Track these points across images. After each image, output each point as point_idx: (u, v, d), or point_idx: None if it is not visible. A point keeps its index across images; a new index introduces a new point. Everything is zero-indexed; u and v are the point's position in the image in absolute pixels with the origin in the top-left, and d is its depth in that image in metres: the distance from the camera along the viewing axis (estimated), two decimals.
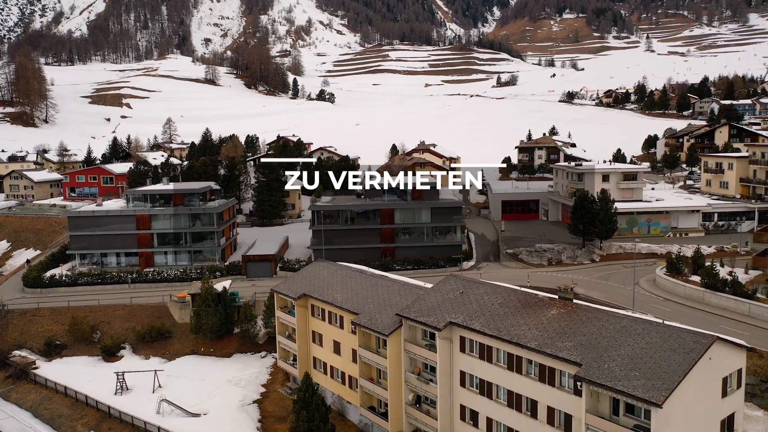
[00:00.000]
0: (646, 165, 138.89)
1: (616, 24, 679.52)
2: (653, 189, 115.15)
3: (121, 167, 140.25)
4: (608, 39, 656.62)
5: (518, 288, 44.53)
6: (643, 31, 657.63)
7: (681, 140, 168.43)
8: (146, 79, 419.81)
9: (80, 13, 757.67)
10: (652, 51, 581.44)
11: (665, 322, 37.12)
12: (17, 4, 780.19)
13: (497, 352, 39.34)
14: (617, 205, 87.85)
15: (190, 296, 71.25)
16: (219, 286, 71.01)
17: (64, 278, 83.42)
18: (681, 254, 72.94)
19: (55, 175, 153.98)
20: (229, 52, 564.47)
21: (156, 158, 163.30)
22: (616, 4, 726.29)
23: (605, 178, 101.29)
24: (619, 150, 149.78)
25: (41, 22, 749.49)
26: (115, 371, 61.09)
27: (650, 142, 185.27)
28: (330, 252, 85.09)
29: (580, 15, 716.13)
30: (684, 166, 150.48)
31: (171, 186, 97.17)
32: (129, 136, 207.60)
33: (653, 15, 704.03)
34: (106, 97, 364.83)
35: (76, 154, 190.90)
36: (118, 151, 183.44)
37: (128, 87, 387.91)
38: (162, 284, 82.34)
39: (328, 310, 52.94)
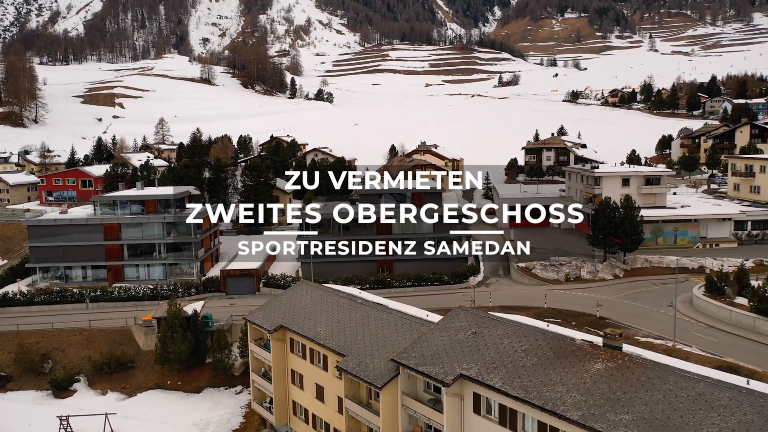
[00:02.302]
0: (662, 167, 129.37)
1: (618, 23, 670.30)
2: (674, 194, 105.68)
3: (101, 169, 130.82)
4: (611, 38, 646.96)
5: (547, 328, 35.06)
6: (645, 30, 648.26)
7: (697, 141, 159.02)
8: (140, 78, 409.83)
9: (77, 13, 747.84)
10: (656, 50, 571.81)
11: (751, 384, 27.72)
12: (13, 3, 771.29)
13: (524, 418, 29.90)
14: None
15: (155, 320, 61.76)
16: (189, 308, 61.47)
17: (18, 296, 73.81)
18: (723, 271, 63.36)
19: (32, 178, 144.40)
20: (226, 52, 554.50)
21: (141, 159, 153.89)
22: (618, 3, 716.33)
23: (625, 182, 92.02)
24: (633, 151, 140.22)
25: (37, 21, 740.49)
26: (58, 415, 51.43)
27: (664, 142, 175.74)
28: (320, 266, 75.88)
29: (582, 14, 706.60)
30: (703, 168, 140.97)
31: (144, 191, 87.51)
32: (114, 136, 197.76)
33: (656, 14, 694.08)
34: (98, 96, 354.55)
35: (59, 156, 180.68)
36: (102, 152, 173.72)
37: (121, 86, 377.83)
38: (129, 303, 72.59)
39: (310, 347, 43.45)
